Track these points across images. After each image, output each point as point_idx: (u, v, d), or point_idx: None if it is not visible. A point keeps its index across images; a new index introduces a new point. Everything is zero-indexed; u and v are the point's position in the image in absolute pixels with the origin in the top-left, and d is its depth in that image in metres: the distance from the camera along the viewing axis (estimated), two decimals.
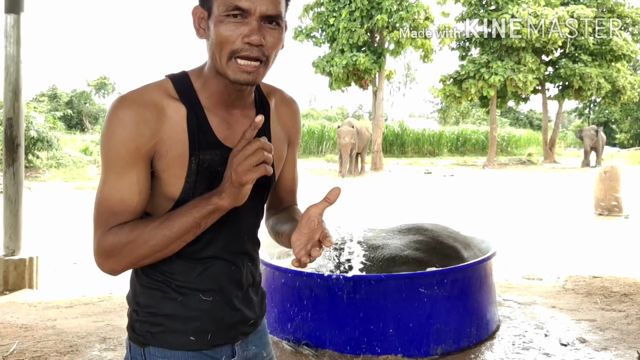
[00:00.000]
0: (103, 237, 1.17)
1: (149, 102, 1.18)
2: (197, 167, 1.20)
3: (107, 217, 1.17)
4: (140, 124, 1.16)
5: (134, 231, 1.16)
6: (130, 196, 1.18)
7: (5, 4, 4.89)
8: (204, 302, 1.28)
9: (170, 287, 1.26)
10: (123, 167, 1.17)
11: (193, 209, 1.13)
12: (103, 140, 1.18)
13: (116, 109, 1.16)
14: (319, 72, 22.47)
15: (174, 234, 1.14)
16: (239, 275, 1.32)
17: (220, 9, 1.15)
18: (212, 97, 1.24)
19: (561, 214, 10.45)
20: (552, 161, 27.11)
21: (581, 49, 25.20)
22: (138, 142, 1.16)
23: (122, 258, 1.17)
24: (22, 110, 5.02)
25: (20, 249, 5.03)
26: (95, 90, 46.41)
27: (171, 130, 1.19)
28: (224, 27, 1.15)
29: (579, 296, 4.95)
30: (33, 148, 15.82)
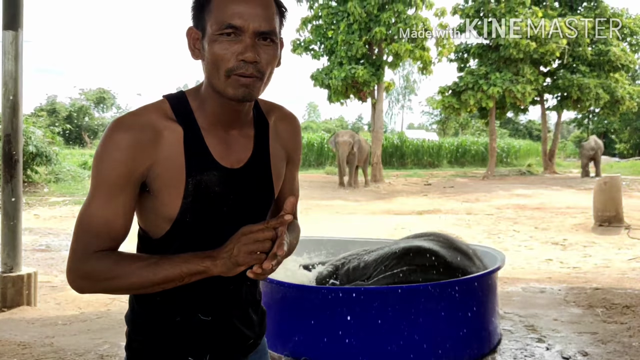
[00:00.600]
0: (85, 260, 1.16)
1: (146, 125, 1.18)
2: (194, 188, 1.20)
3: (89, 238, 1.17)
4: (135, 149, 1.16)
5: (119, 263, 1.15)
6: (114, 219, 1.17)
7: (4, 20, 4.90)
8: (202, 322, 1.27)
9: (168, 306, 1.26)
10: (112, 190, 1.17)
11: (183, 263, 1.13)
12: (96, 161, 1.18)
13: (112, 131, 1.17)
14: (318, 84, 22.54)
15: (157, 280, 1.14)
16: (238, 294, 1.32)
17: (213, 28, 1.15)
18: (209, 117, 1.24)
19: (561, 225, 10.43)
20: (552, 172, 27.10)
21: (579, 59, 25.29)
22: (130, 166, 1.16)
23: (97, 284, 1.17)
24: (20, 127, 5.02)
25: (19, 265, 5.01)
26: (94, 105, 46.50)
27: (167, 151, 1.19)
28: (218, 46, 1.15)
29: (581, 308, 4.91)
30: (32, 163, 15.81)
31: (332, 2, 22.54)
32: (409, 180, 23.36)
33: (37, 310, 4.92)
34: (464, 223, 10.81)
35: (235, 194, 1.25)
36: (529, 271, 6.63)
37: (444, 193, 17.59)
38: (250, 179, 1.27)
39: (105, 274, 1.15)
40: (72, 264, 1.17)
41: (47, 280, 6.07)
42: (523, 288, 5.72)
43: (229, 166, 1.24)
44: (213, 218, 1.23)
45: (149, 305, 1.27)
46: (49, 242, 8.66)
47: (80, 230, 1.18)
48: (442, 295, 3.37)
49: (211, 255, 1.13)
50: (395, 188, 19.71)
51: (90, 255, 1.16)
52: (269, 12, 1.16)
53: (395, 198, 16.10)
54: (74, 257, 1.17)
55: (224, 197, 1.23)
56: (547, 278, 6.20)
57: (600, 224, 9.84)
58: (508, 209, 13.16)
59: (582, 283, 5.87)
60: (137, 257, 1.17)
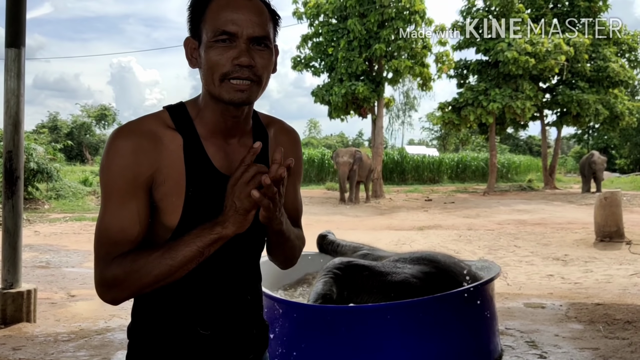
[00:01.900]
0: (106, 268, 1.17)
1: (146, 132, 1.20)
2: (194, 196, 1.21)
3: (108, 248, 1.17)
4: (137, 154, 1.17)
5: (137, 261, 1.15)
6: (130, 225, 1.18)
7: (6, 38, 4.95)
8: (202, 336, 1.27)
9: (168, 319, 1.26)
10: (122, 197, 1.18)
11: (196, 238, 1.13)
12: (102, 171, 1.20)
13: (114, 139, 1.19)
14: (318, 101, 22.64)
15: (177, 263, 1.14)
16: (239, 308, 1.32)
17: (208, 35, 1.18)
18: (208, 126, 1.25)
19: (562, 240, 10.41)
20: (553, 187, 27.09)
21: (578, 75, 25.40)
22: (136, 171, 1.17)
23: (125, 288, 1.17)
24: (22, 143, 5.05)
25: (19, 281, 5.00)
26: (96, 122, 46.67)
27: (168, 159, 1.20)
28: (213, 52, 1.17)
29: (582, 324, 4.89)
30: (32, 180, 15.84)
31: (333, 19, 22.72)
32: (410, 195, 23.36)
33: (36, 327, 4.90)
34: (465, 239, 10.79)
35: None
36: (530, 287, 6.61)
37: (445, 209, 17.58)
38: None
39: (127, 275, 1.15)
40: (98, 276, 1.18)
41: (47, 297, 6.05)
42: (524, 304, 5.70)
43: (229, 174, 1.23)
44: None
45: (149, 318, 1.28)
46: (49, 259, 8.65)
47: (98, 242, 1.19)
48: (439, 310, 3.33)
49: (218, 221, 1.13)
50: (396, 204, 19.71)
51: (111, 262, 1.16)
52: (262, 19, 1.19)
53: (396, 213, 16.09)
54: (98, 270, 1.18)
55: (223, 205, 1.24)
56: (549, 293, 6.18)
57: (601, 240, 9.82)
58: (509, 224, 13.15)
59: (584, 299, 5.85)
60: (151, 249, 1.17)
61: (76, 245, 9.97)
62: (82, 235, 11.27)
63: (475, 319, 3.60)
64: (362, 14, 21.74)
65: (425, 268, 3.70)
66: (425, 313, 3.30)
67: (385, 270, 3.56)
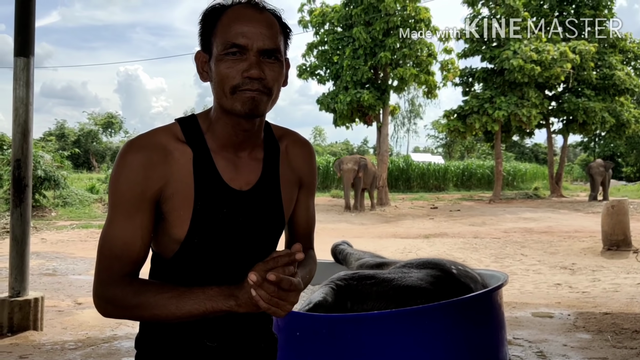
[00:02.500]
0: (108, 285, 1.18)
1: (157, 146, 1.20)
2: (202, 209, 1.21)
3: (110, 261, 1.18)
4: (147, 168, 1.18)
5: (141, 294, 1.16)
6: (133, 240, 1.19)
7: (15, 47, 4.99)
8: (208, 348, 1.27)
9: (175, 331, 1.26)
10: (129, 210, 1.18)
11: (207, 301, 1.13)
12: (111, 183, 1.21)
13: (125, 153, 1.19)
14: (323, 109, 22.69)
15: (179, 314, 1.14)
16: (246, 321, 1.31)
17: (219, 48, 1.18)
18: (218, 139, 1.25)
19: (570, 249, 10.36)
20: (559, 195, 26.99)
21: (584, 83, 25.37)
22: (144, 185, 1.18)
23: (121, 311, 1.19)
24: (30, 152, 5.07)
25: (26, 289, 5.01)
26: (103, 129, 46.90)
27: (178, 173, 1.21)
28: (224, 65, 1.18)
29: (590, 333, 4.86)
30: (40, 187, 15.91)
31: (338, 28, 22.80)
32: (415, 203, 23.32)
33: (43, 335, 4.91)
34: (471, 247, 10.76)
35: (244, 217, 1.25)
36: (537, 296, 6.57)
37: (451, 216, 17.54)
38: (259, 201, 1.27)
39: (128, 302, 1.16)
40: (97, 288, 1.20)
41: (54, 305, 6.06)
42: (532, 313, 5.67)
43: (238, 188, 1.25)
44: (222, 240, 1.25)
45: (156, 329, 1.28)
46: (55, 266, 8.67)
47: (101, 253, 1.20)
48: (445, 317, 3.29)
49: (234, 294, 1.12)
50: (402, 211, 19.68)
51: (113, 280, 1.18)
52: (272, 31, 1.20)
53: (402, 221, 16.06)
54: (97, 281, 1.19)
55: (232, 219, 1.24)
56: (556, 303, 6.15)
57: (608, 248, 9.77)
58: (515, 232, 13.10)
59: (592, 308, 5.81)
60: (160, 288, 1.17)
61: (83, 253, 9.99)
62: (89, 243, 11.30)
63: (483, 328, 3.56)
64: (367, 22, 21.81)
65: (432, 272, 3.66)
66: (432, 320, 3.27)
67: (391, 276, 3.53)
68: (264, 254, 1.32)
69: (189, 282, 1.21)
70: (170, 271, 1.26)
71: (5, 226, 12.59)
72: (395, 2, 21.05)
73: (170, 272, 1.26)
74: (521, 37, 23.88)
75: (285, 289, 1.08)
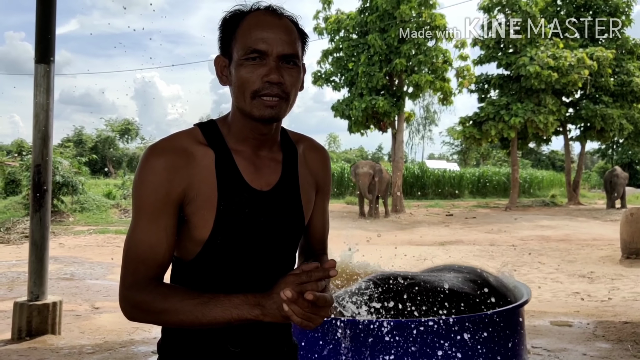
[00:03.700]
0: (134, 289, 1.19)
1: (179, 149, 1.22)
2: (225, 209, 1.22)
3: (136, 265, 1.19)
4: (170, 171, 1.20)
5: (168, 300, 1.16)
6: (158, 243, 1.20)
7: (36, 54, 5.06)
8: (231, 354, 1.27)
9: (199, 336, 1.26)
10: (153, 213, 1.20)
11: (233, 309, 1.14)
12: (135, 187, 1.22)
13: (148, 156, 1.21)
14: (338, 115, 22.69)
15: (205, 321, 1.15)
16: (268, 325, 1.31)
17: (239, 53, 1.21)
18: (238, 141, 1.28)
19: (588, 257, 10.23)
20: (577, 203, 26.68)
21: (602, 90, 25.11)
22: (168, 188, 1.19)
23: (147, 316, 1.20)
24: (50, 157, 5.13)
25: (44, 293, 5.05)
26: (120, 136, 47.37)
27: (200, 174, 1.22)
28: (244, 70, 1.20)
29: (610, 343, 4.79)
30: (58, 193, 16.11)
31: (353, 35, 22.83)
32: (430, 210, 23.20)
33: (61, 339, 4.95)
34: (487, 254, 10.67)
35: (265, 216, 1.27)
36: (556, 304, 6.49)
37: (466, 224, 17.41)
38: (279, 202, 1.30)
39: (154, 307, 1.17)
40: (123, 291, 1.20)
41: (71, 309, 6.11)
42: (551, 322, 5.60)
43: (259, 188, 1.27)
44: (243, 240, 1.26)
45: (180, 334, 1.28)
46: (73, 271, 8.75)
47: (127, 257, 1.21)
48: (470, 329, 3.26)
49: (260, 303, 1.13)
50: (417, 218, 19.59)
51: (139, 284, 1.18)
52: (291, 37, 1.23)
53: (417, 228, 15.98)
54: (123, 285, 1.20)
55: (254, 218, 1.25)
56: (575, 312, 6.07)
57: (627, 256, 9.63)
58: (532, 240, 12.97)
59: (611, 317, 5.73)
60: (186, 294, 1.17)
61: (100, 258, 10.08)
62: (106, 248, 11.40)
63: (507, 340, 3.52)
64: (382, 29, 21.82)
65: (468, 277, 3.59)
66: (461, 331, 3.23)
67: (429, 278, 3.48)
68: (285, 255, 1.34)
69: (211, 284, 1.23)
70: (191, 274, 1.27)
71: (24, 231, 12.75)
72: (411, 9, 21.04)
73: (191, 275, 1.26)
74: (538, 44, 23.74)
75: (320, 306, 1.09)
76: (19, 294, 6.54)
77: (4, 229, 13.39)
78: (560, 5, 27.67)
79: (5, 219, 14.56)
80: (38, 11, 5.08)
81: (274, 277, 1.31)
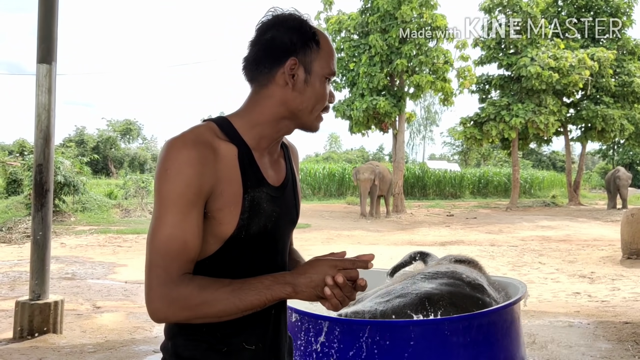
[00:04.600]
0: (171, 285, 1.15)
1: (206, 143, 1.21)
2: (250, 204, 1.24)
3: (169, 262, 1.16)
4: (203, 164, 1.18)
5: (205, 290, 1.16)
6: (192, 238, 1.18)
7: (38, 54, 5.08)
8: (247, 351, 1.28)
9: (215, 337, 1.25)
10: (186, 207, 1.17)
11: (266, 290, 1.17)
12: (163, 180, 1.17)
13: (179, 148, 1.18)
14: (339, 116, 22.70)
15: (243, 306, 1.16)
16: (278, 321, 1.35)
17: (325, 70, 1.31)
18: (255, 139, 1.30)
19: (588, 257, 10.24)
20: (577, 203, 26.68)
21: (603, 90, 25.12)
22: (201, 181, 1.18)
23: (184, 312, 1.16)
24: (52, 157, 5.14)
25: (46, 293, 5.07)
26: (121, 136, 47.43)
27: (226, 169, 1.23)
28: (323, 87, 1.32)
29: (610, 343, 4.80)
30: (60, 192, 16.12)
31: (354, 35, 22.84)
32: (431, 210, 23.21)
33: (62, 338, 4.97)
34: (488, 254, 10.68)
35: (277, 212, 1.31)
36: (556, 305, 6.50)
37: (467, 224, 17.42)
38: (286, 197, 1.36)
39: (193, 301, 1.14)
40: (157, 290, 1.16)
41: (73, 309, 6.13)
42: (551, 322, 5.61)
43: (273, 184, 1.32)
44: (262, 234, 1.28)
45: (196, 337, 1.25)
46: (74, 271, 8.77)
47: (157, 254, 1.17)
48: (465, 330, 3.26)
49: (291, 281, 1.19)
50: (417, 219, 19.60)
51: (174, 280, 1.15)
52: None
53: (418, 229, 15.99)
54: (158, 283, 1.16)
55: (270, 213, 1.29)
56: (575, 312, 6.08)
57: (628, 257, 9.64)
58: (532, 240, 12.98)
59: (611, 317, 5.74)
60: (219, 283, 1.17)
61: (101, 257, 10.10)
62: (107, 248, 11.42)
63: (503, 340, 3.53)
64: (383, 29, 21.83)
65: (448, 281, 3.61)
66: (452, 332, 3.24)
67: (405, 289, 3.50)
68: (285, 248, 1.41)
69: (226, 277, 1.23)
70: (207, 272, 1.23)
71: (25, 230, 12.78)
72: (412, 10, 21.06)
73: (207, 273, 1.23)
74: (539, 44, 23.75)
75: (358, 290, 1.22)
76: (20, 293, 6.56)
77: (5, 228, 13.41)
78: (561, 6, 27.69)
79: (7, 219, 14.58)
80: (40, 11, 5.10)
81: (279, 269, 1.33)
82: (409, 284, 3.61)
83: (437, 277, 3.73)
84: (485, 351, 3.43)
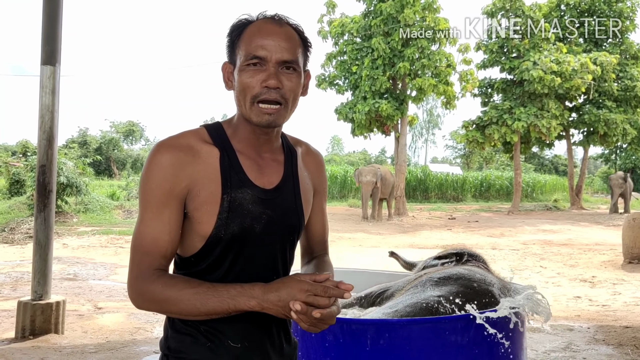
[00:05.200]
0: (140, 279, 1.24)
1: (185, 146, 1.28)
2: (229, 204, 1.27)
3: (141, 256, 1.25)
4: (175, 166, 1.25)
5: (170, 288, 1.22)
6: (161, 236, 1.25)
7: (42, 56, 5.11)
8: (232, 349, 1.30)
9: (199, 332, 1.29)
10: (157, 206, 1.25)
11: (230, 300, 1.19)
12: (141, 182, 1.28)
13: (155, 153, 1.27)
14: (342, 118, 22.73)
15: (204, 310, 1.20)
16: (269, 322, 1.35)
17: (241, 59, 1.28)
18: (242, 142, 1.34)
19: (590, 262, 10.23)
20: (579, 207, 26.65)
21: (605, 94, 25.11)
22: (172, 182, 1.25)
23: (151, 305, 1.26)
24: (55, 158, 5.17)
25: (48, 293, 5.09)
26: (124, 137, 47.50)
27: (204, 171, 1.27)
28: (245, 75, 1.27)
29: (610, 347, 4.81)
30: (62, 193, 16.15)
31: (357, 38, 22.88)
32: (433, 214, 23.20)
33: (64, 338, 4.99)
34: (489, 258, 10.65)
35: (268, 214, 1.32)
36: (557, 308, 6.50)
37: (469, 227, 17.42)
38: (281, 200, 1.35)
39: (156, 296, 1.23)
40: (130, 281, 1.26)
41: (74, 309, 6.15)
42: (551, 326, 5.61)
43: (262, 186, 1.33)
44: (246, 236, 1.30)
45: (181, 330, 1.31)
46: (76, 271, 8.79)
47: (133, 249, 1.28)
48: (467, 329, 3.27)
49: (258, 297, 1.19)
50: (419, 222, 19.59)
51: (144, 275, 1.24)
52: (290, 44, 1.29)
53: (419, 232, 15.99)
54: (131, 275, 1.26)
55: (257, 215, 1.30)
56: (576, 316, 6.08)
57: (629, 261, 9.63)
58: (534, 244, 12.97)
59: (612, 321, 5.74)
60: (186, 283, 1.23)
61: (103, 258, 10.12)
62: (109, 249, 11.44)
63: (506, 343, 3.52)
64: (386, 33, 21.86)
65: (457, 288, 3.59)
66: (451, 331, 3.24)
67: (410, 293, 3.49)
68: (283, 252, 1.39)
69: (211, 280, 1.27)
70: (193, 270, 1.31)
71: (28, 231, 12.81)
72: (415, 13, 21.09)
73: (193, 272, 1.31)
74: (541, 48, 23.75)
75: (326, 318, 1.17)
76: (22, 293, 6.58)
77: (8, 229, 13.45)
78: (564, 11, 27.69)
79: (10, 219, 14.61)
80: (44, 13, 5.13)
81: (272, 273, 1.35)
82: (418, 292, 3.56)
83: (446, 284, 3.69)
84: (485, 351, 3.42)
